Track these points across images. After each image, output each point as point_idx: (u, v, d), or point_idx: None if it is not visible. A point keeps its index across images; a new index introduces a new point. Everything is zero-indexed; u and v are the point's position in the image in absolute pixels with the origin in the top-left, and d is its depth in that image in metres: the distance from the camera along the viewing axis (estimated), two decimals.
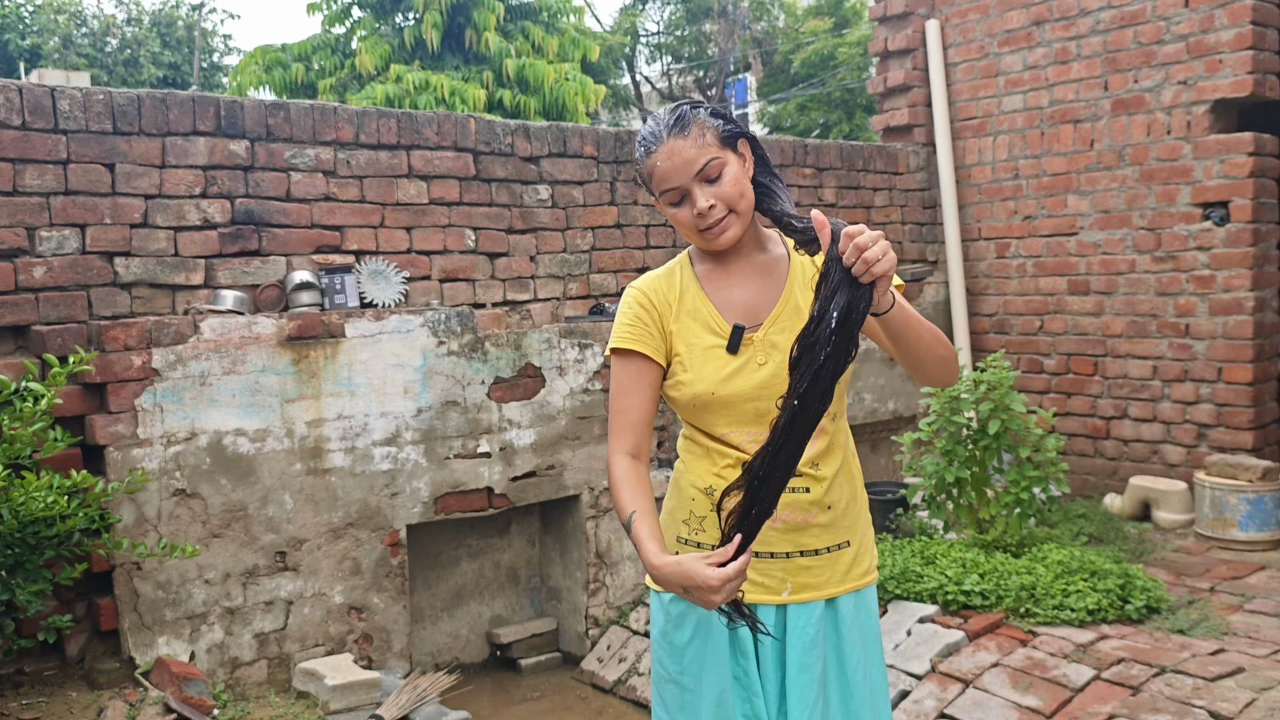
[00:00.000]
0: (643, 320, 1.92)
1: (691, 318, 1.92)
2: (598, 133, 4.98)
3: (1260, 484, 4.75)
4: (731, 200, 1.83)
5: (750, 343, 1.88)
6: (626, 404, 1.90)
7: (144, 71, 18.59)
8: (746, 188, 1.86)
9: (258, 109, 4.01)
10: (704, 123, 1.83)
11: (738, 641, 1.93)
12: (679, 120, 1.84)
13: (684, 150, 1.81)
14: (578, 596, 4.53)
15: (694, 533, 1.95)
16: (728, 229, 1.84)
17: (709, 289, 1.94)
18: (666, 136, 1.83)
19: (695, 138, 1.81)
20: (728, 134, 1.84)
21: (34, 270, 3.56)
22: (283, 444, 3.77)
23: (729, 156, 1.84)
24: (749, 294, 1.92)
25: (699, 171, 1.81)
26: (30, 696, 3.32)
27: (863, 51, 14.08)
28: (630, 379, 1.91)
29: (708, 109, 1.87)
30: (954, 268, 6.14)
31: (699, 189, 1.82)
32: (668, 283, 1.96)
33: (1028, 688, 3.37)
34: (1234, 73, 5.05)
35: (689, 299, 1.94)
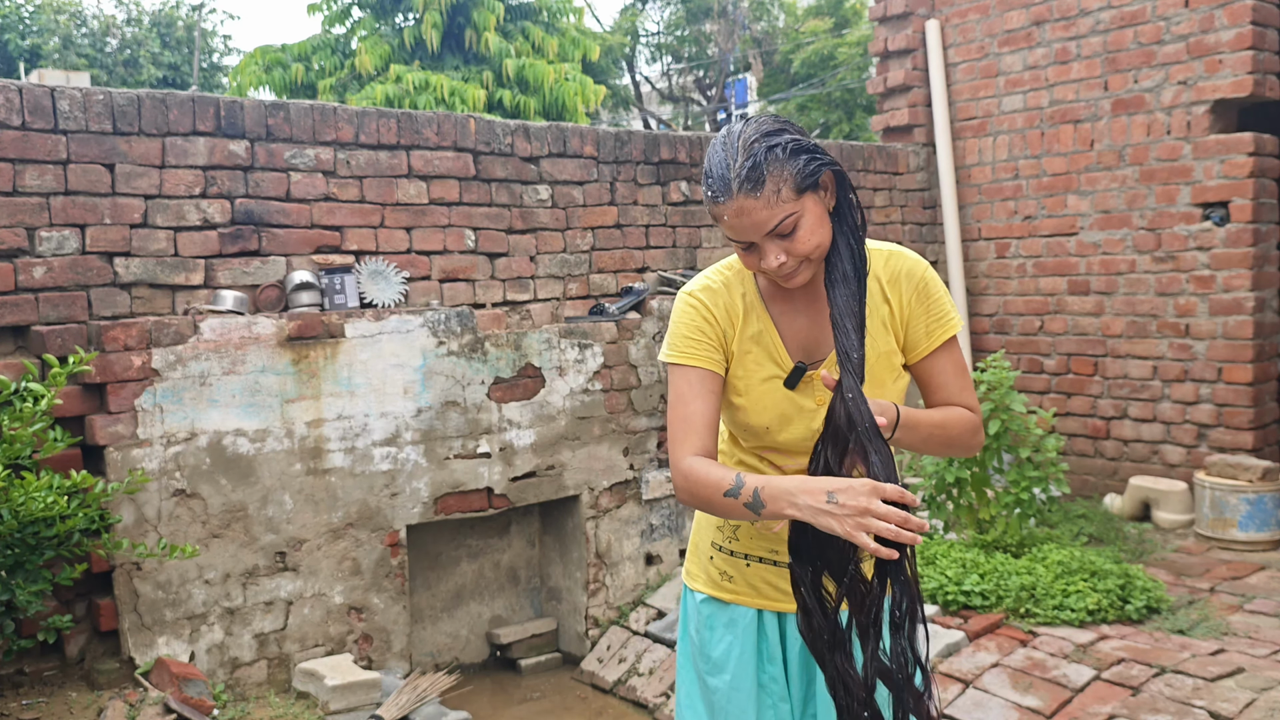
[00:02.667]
0: (706, 334, 1.80)
1: (754, 342, 1.81)
2: (598, 133, 4.98)
3: (1260, 484, 4.75)
4: (805, 254, 1.67)
5: (810, 380, 1.79)
6: (689, 410, 1.77)
7: (144, 72, 18.59)
8: (823, 235, 1.68)
9: (258, 109, 4.01)
10: (780, 173, 1.62)
11: (766, 647, 1.93)
12: (752, 173, 1.62)
13: (755, 211, 1.63)
14: (578, 597, 4.53)
15: (729, 540, 1.94)
16: (797, 276, 1.71)
17: (773, 311, 1.82)
18: (736, 192, 1.63)
19: (769, 196, 1.62)
20: (808, 177, 1.64)
21: (34, 270, 3.56)
22: (283, 444, 3.77)
23: (806, 204, 1.65)
24: (812, 325, 1.81)
25: (771, 231, 1.65)
26: (30, 696, 3.32)
27: (863, 51, 14.08)
28: (692, 387, 1.79)
29: (788, 144, 1.64)
30: (954, 268, 6.14)
31: (769, 244, 1.66)
32: (729, 297, 1.83)
33: (1028, 688, 3.37)
34: (1234, 73, 5.05)
35: (753, 321, 1.82)
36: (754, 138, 1.65)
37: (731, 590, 1.94)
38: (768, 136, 1.65)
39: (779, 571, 1.89)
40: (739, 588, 1.93)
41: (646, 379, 4.67)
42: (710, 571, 1.97)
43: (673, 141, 5.20)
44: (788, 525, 1.82)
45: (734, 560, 1.93)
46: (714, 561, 1.96)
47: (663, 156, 5.14)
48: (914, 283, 1.81)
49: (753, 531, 1.90)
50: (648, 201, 5.11)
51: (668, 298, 4.84)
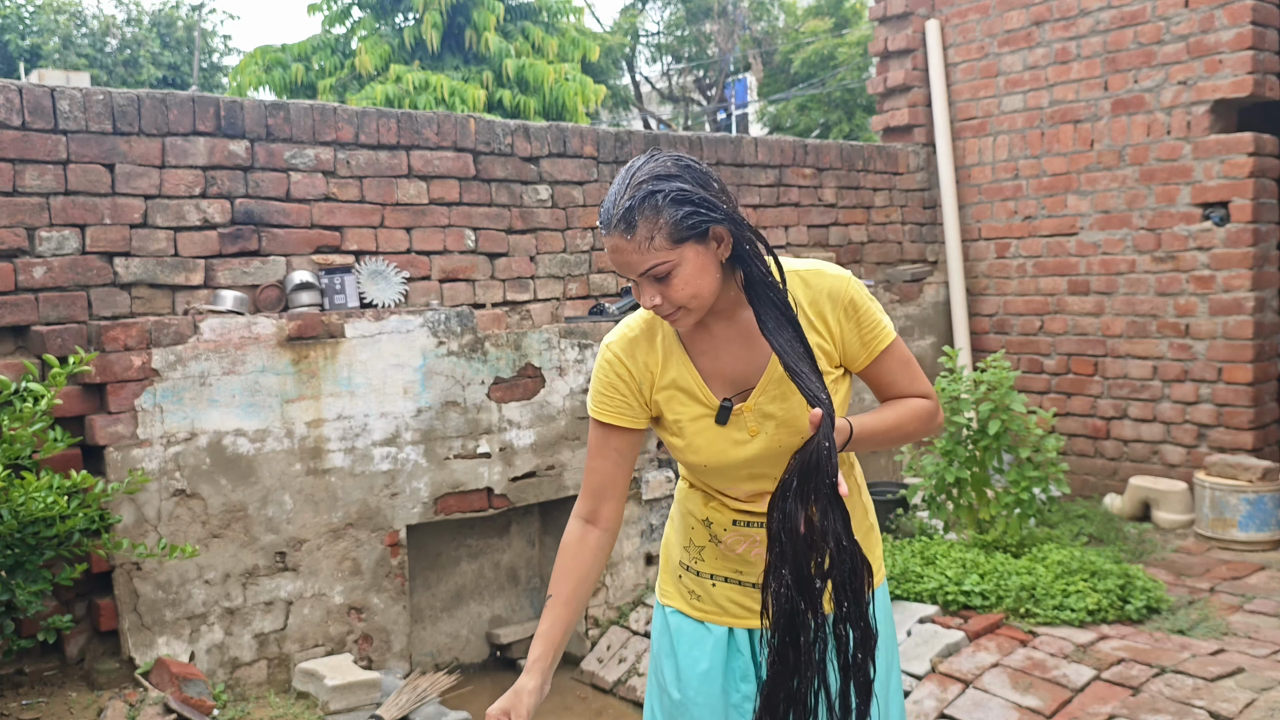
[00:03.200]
0: (619, 391, 1.83)
1: (677, 386, 1.82)
2: (598, 133, 4.98)
3: (1260, 484, 4.75)
4: (680, 301, 1.66)
5: (740, 414, 1.80)
6: (591, 466, 1.86)
7: (144, 72, 18.59)
8: (702, 285, 1.66)
9: (258, 109, 4.01)
10: (655, 221, 1.60)
11: (740, 664, 1.93)
12: (627, 215, 1.61)
13: (626, 253, 1.62)
14: None
15: (694, 560, 1.97)
16: (677, 320, 1.70)
17: (694, 353, 1.82)
18: (611, 229, 1.63)
19: (641, 240, 1.61)
20: (687, 230, 1.62)
21: (34, 270, 3.56)
22: (282, 444, 3.77)
23: (685, 254, 1.63)
24: (736, 358, 1.80)
25: (644, 273, 1.64)
26: (30, 697, 3.32)
27: (863, 51, 14.08)
28: (597, 443, 1.86)
29: (671, 193, 1.61)
30: (954, 268, 6.14)
31: (645, 285, 1.66)
32: (648, 345, 1.83)
33: (1028, 688, 3.37)
34: (1234, 73, 5.05)
35: (673, 366, 1.82)
36: (643, 179, 1.63)
37: (701, 609, 1.96)
38: (657, 180, 1.62)
39: (744, 590, 1.91)
40: (707, 606, 1.95)
41: None
42: (681, 590, 2.00)
43: (673, 141, 5.20)
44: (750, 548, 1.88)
45: (700, 580, 1.96)
46: (683, 580, 1.99)
47: None
48: (840, 303, 1.79)
49: (717, 553, 1.93)
50: None
51: None
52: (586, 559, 1.83)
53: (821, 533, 1.62)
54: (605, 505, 1.86)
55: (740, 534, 1.89)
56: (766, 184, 5.55)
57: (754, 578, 1.88)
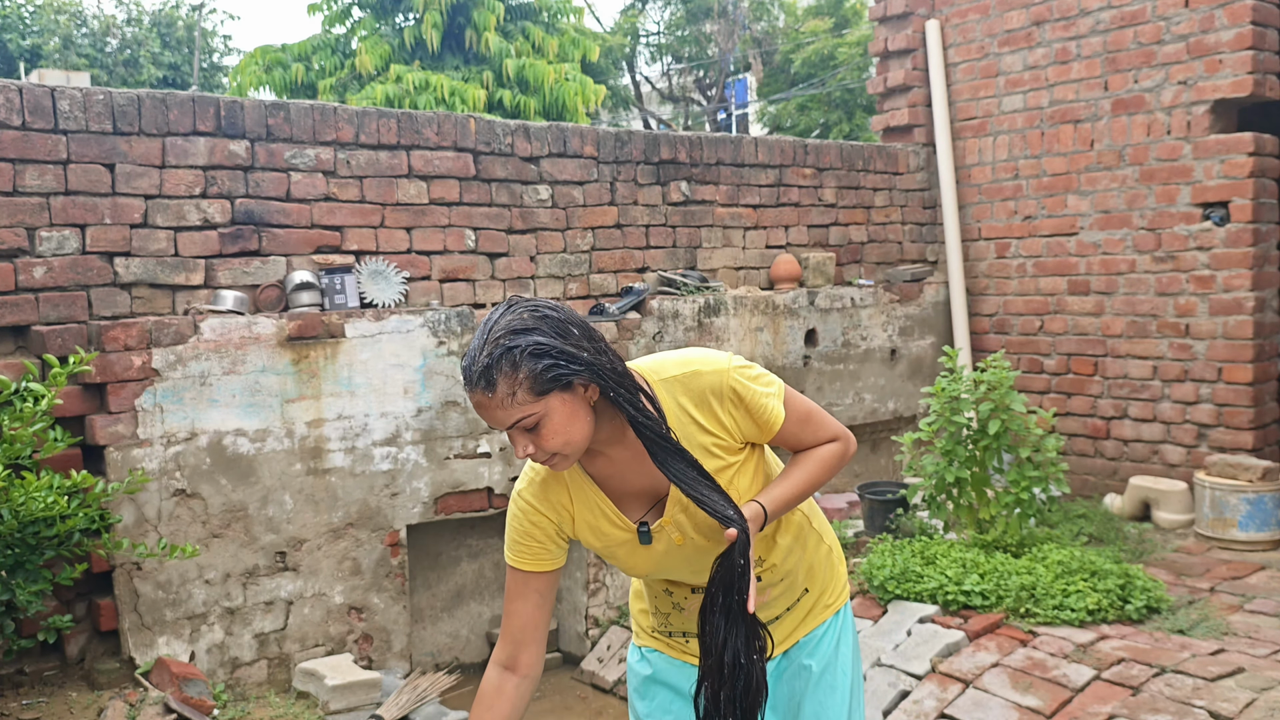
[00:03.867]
0: (534, 538, 1.82)
1: (594, 516, 1.82)
2: (598, 133, 4.98)
3: (1260, 484, 4.75)
4: (551, 450, 1.65)
5: (661, 529, 1.81)
6: (511, 609, 1.85)
7: (144, 72, 18.59)
8: (574, 431, 1.64)
9: (258, 109, 4.01)
10: (515, 376, 1.58)
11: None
12: (485, 373, 1.58)
13: (490, 409, 1.61)
14: (578, 596, 4.53)
15: (662, 624, 2.02)
16: (556, 465, 1.70)
17: (599, 478, 1.81)
18: (473, 385, 1.60)
19: (502, 396, 1.58)
20: (548, 383, 1.60)
21: (34, 270, 3.56)
22: (283, 444, 3.77)
23: (551, 404, 1.61)
24: (640, 474, 1.79)
25: (511, 426, 1.63)
26: (30, 696, 3.32)
27: (863, 51, 14.08)
28: (516, 587, 1.85)
29: (527, 348, 1.58)
30: (954, 268, 6.14)
31: (516, 435, 1.65)
32: (556, 484, 1.82)
33: (1028, 688, 3.37)
34: (1234, 73, 5.05)
35: (584, 496, 1.82)
36: (500, 334, 1.60)
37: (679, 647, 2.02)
38: (513, 335, 1.59)
39: None
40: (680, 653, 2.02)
41: None
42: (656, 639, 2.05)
43: (673, 141, 5.20)
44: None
45: (672, 640, 2.02)
46: (657, 634, 2.05)
47: (663, 156, 5.14)
48: (724, 396, 1.77)
49: (683, 617, 1.96)
50: (648, 201, 5.11)
51: (668, 298, 4.85)
52: (504, 710, 1.81)
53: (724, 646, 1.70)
54: (526, 650, 1.84)
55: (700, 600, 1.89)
56: (766, 184, 5.55)
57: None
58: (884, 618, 3.92)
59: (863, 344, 5.62)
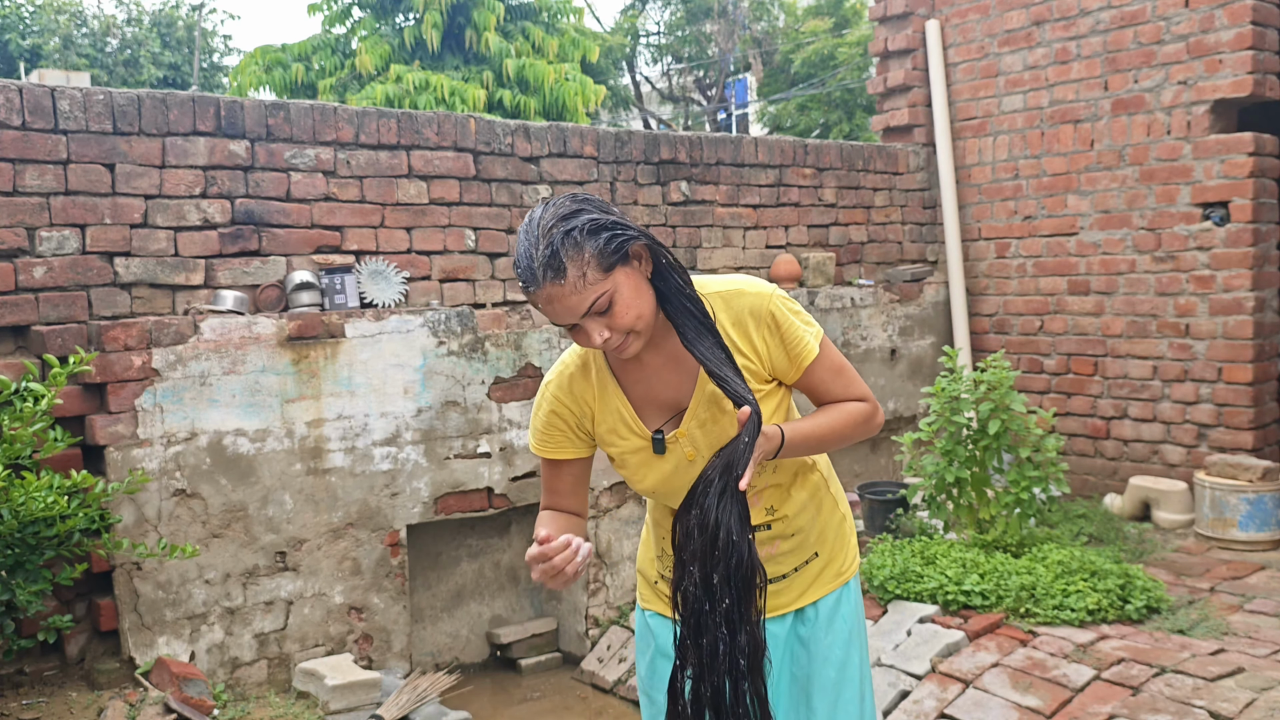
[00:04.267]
0: (558, 428, 1.90)
1: (615, 418, 1.86)
2: (598, 133, 4.98)
3: (1260, 484, 4.75)
4: (626, 327, 1.67)
5: (675, 440, 1.84)
6: (551, 487, 1.96)
7: (144, 72, 18.59)
8: (642, 305, 1.67)
9: (258, 109, 4.01)
10: (581, 256, 1.60)
11: None
12: (552, 260, 1.60)
13: (564, 298, 1.61)
14: (578, 596, 4.53)
15: (667, 569, 2.00)
16: (628, 348, 1.71)
17: (625, 383, 1.85)
18: (543, 281, 1.61)
19: (574, 280, 1.60)
20: (613, 255, 1.63)
21: (34, 270, 3.56)
22: (283, 444, 3.77)
23: (618, 280, 1.64)
24: (665, 384, 1.83)
25: (586, 313, 1.64)
26: (30, 696, 3.32)
27: (863, 51, 14.08)
28: (551, 473, 1.95)
29: (585, 226, 1.61)
30: (954, 268, 6.14)
31: (590, 323, 1.66)
32: (583, 380, 1.87)
33: (1028, 688, 3.37)
34: (1234, 73, 5.05)
35: (608, 398, 1.86)
36: (551, 223, 1.62)
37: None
38: (564, 220, 1.62)
39: None
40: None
41: None
42: (659, 594, 2.04)
43: (673, 141, 5.20)
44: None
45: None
46: (659, 586, 2.03)
47: (663, 156, 5.14)
48: (762, 320, 1.80)
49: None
50: (648, 201, 5.11)
51: None
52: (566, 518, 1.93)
53: (716, 524, 1.65)
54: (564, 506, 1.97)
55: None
56: (766, 184, 5.55)
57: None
58: (884, 618, 3.92)
59: (863, 344, 5.62)
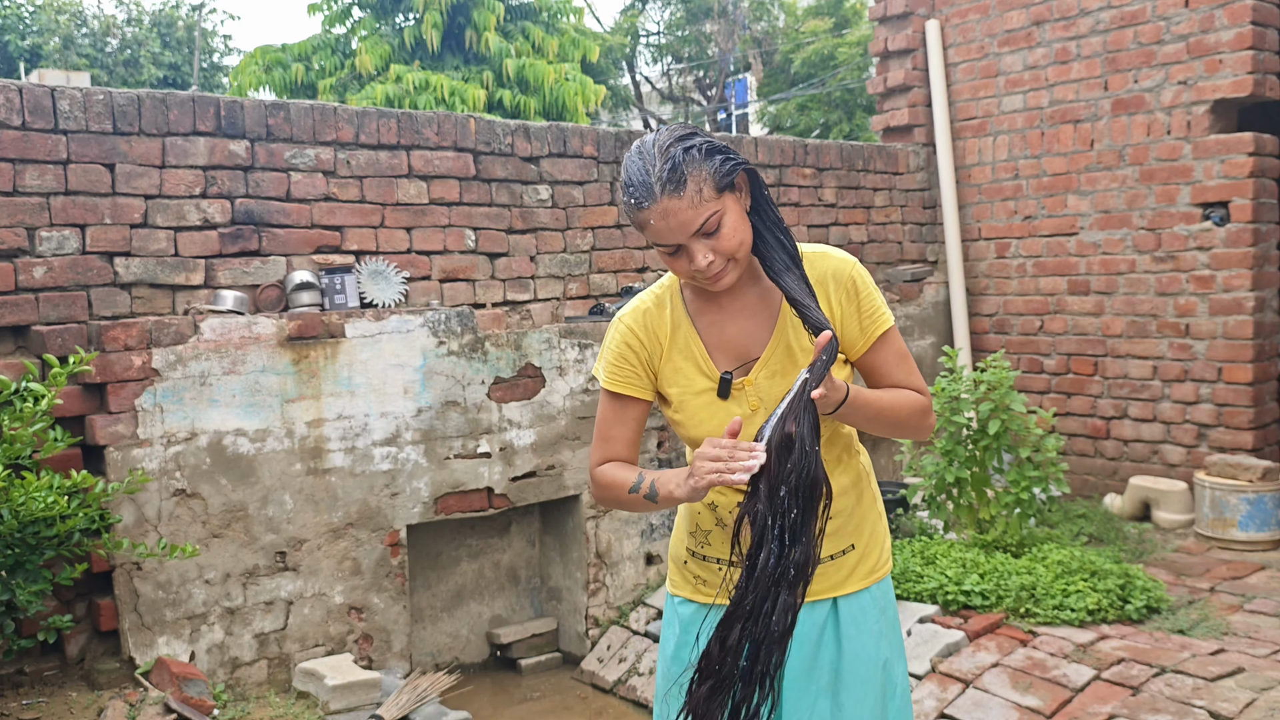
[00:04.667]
0: (629, 361, 1.88)
1: (683, 357, 1.86)
2: (598, 133, 4.98)
3: (1260, 484, 4.75)
4: (730, 251, 1.70)
5: (741, 388, 1.84)
6: (611, 434, 1.92)
7: (144, 72, 18.60)
8: (746, 232, 1.72)
9: (258, 109, 4.01)
10: (700, 173, 1.65)
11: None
12: (673, 174, 1.64)
13: (680, 211, 1.65)
14: (578, 596, 4.53)
15: (700, 545, 1.98)
16: (725, 276, 1.74)
17: (700, 324, 1.86)
18: (660, 194, 1.64)
19: (692, 195, 1.64)
20: (725, 176, 1.67)
21: (34, 270, 3.56)
22: (283, 444, 3.77)
23: (727, 203, 1.68)
24: (741, 331, 1.85)
25: (697, 231, 1.67)
26: (30, 696, 3.32)
27: (863, 51, 14.08)
28: (615, 414, 1.92)
29: (703, 146, 1.67)
30: (954, 268, 6.14)
31: (696, 244, 1.69)
32: (658, 316, 1.88)
33: (1028, 688, 3.37)
34: (1234, 73, 5.05)
35: (681, 336, 1.87)
36: (669, 142, 1.67)
37: (707, 594, 1.98)
38: (682, 140, 1.68)
39: None
40: (714, 591, 1.97)
41: None
42: (687, 576, 2.02)
43: None
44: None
45: (707, 565, 1.98)
46: (688, 567, 2.02)
47: None
48: (842, 284, 1.83)
49: (724, 536, 1.94)
50: None
51: None
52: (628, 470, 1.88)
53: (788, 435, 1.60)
54: (623, 457, 1.93)
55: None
56: (767, 184, 5.54)
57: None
58: None
59: None
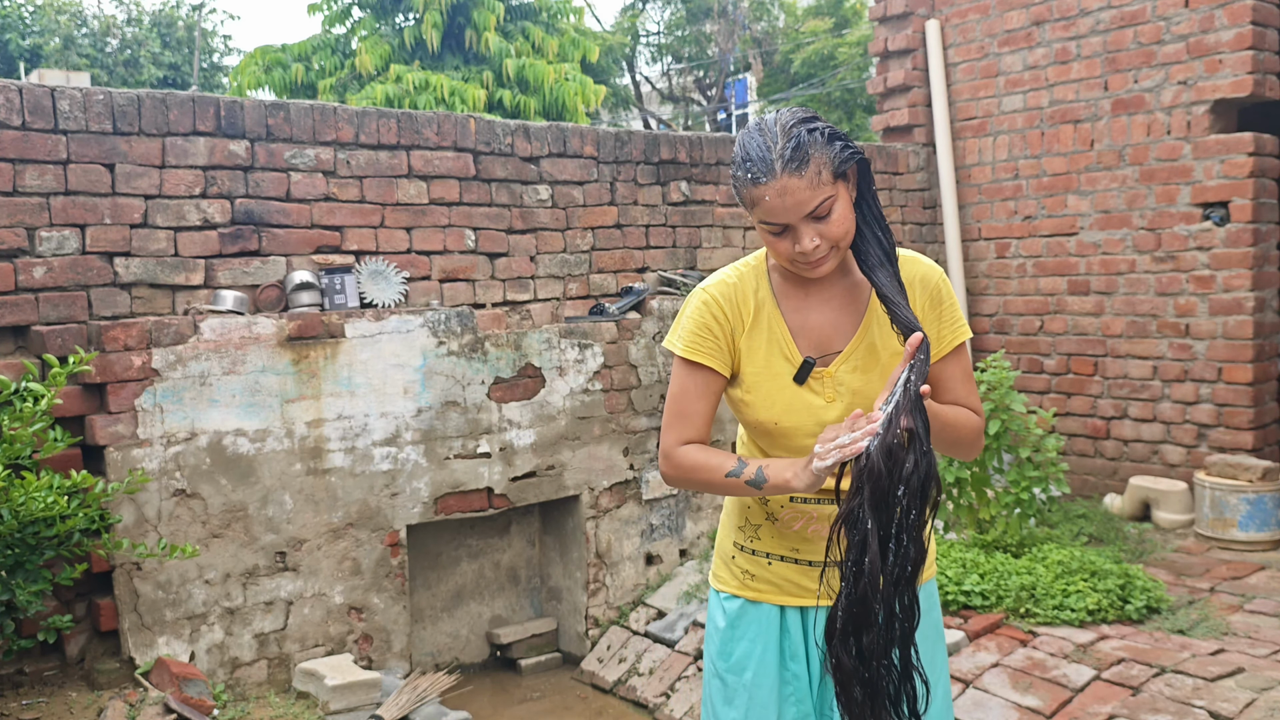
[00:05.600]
0: (713, 333, 1.84)
1: (764, 337, 1.84)
2: (598, 133, 4.98)
3: (1260, 484, 4.75)
4: (837, 238, 1.70)
5: (820, 377, 1.82)
6: (690, 409, 1.85)
7: (144, 72, 18.60)
8: (852, 221, 1.73)
9: (258, 109, 4.01)
10: (821, 156, 1.65)
11: (789, 644, 1.95)
12: (796, 152, 1.64)
13: (798, 191, 1.65)
14: (578, 597, 4.53)
15: (749, 540, 1.97)
16: (825, 263, 1.74)
17: (785, 307, 1.85)
18: (780, 172, 1.65)
19: (812, 176, 1.65)
20: (843, 163, 1.68)
21: (34, 270, 3.56)
22: (283, 444, 3.77)
23: (840, 190, 1.69)
24: (825, 321, 1.83)
25: (810, 212, 1.67)
26: (30, 697, 3.32)
27: (863, 51, 14.09)
28: (696, 386, 1.85)
29: (825, 130, 1.68)
30: (954, 268, 6.14)
31: (806, 227, 1.68)
32: (742, 291, 1.87)
33: (1028, 688, 3.37)
34: (1234, 73, 5.05)
35: (764, 315, 1.85)
36: (792, 123, 1.68)
37: (754, 589, 1.96)
38: (805, 122, 1.69)
39: (800, 569, 1.92)
40: (761, 586, 1.96)
41: (647, 379, 4.67)
42: (734, 571, 2.00)
43: (673, 141, 5.20)
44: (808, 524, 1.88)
45: (755, 559, 1.96)
46: (736, 561, 2.00)
47: (663, 156, 5.14)
48: (929, 289, 1.85)
49: (774, 530, 1.93)
50: (648, 201, 5.11)
51: (668, 298, 4.85)
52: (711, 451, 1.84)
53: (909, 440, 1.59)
54: (704, 437, 1.87)
55: (797, 510, 1.89)
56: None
57: (810, 555, 1.90)
58: None
59: None
